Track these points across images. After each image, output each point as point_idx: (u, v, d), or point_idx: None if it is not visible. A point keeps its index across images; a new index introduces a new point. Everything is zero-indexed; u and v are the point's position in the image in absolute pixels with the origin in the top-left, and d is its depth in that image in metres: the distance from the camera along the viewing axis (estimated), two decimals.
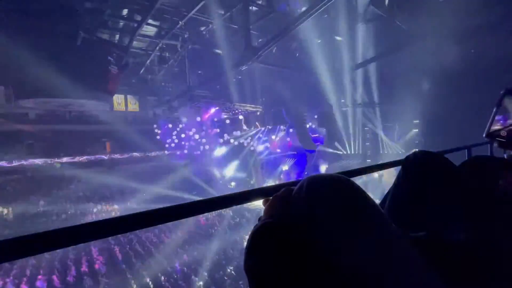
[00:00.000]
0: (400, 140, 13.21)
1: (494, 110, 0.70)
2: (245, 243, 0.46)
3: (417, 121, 12.27)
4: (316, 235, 0.38)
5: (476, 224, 0.55)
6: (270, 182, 17.08)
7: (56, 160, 17.58)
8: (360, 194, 0.40)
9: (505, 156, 0.81)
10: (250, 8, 8.78)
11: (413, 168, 0.73)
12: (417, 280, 0.33)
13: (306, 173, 15.45)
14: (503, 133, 0.67)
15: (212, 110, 15.21)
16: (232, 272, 10.39)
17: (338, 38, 10.64)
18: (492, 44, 8.90)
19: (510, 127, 0.68)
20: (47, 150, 17.11)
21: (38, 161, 16.91)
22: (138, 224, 0.57)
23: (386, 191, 0.88)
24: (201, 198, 0.67)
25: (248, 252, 0.43)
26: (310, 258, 0.37)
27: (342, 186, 0.41)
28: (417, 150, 0.78)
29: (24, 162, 16.42)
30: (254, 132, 18.20)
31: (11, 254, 0.45)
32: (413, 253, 0.35)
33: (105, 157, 19.35)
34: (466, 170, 0.82)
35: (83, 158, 18.40)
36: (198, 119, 15.85)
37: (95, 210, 16.34)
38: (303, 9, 7.67)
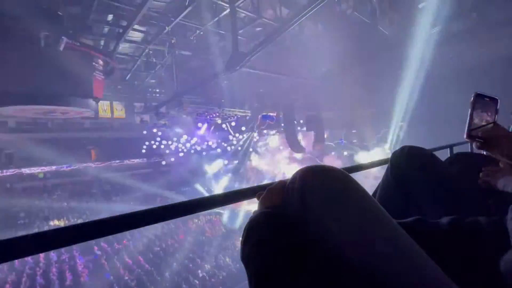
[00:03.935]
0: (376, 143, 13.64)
1: (469, 112, 0.74)
2: (239, 249, 0.46)
3: (402, 123, 12.68)
4: (309, 223, 0.38)
5: (459, 211, 0.58)
6: None
7: (38, 169, 16.89)
8: (352, 184, 0.41)
9: (484, 152, 0.86)
10: (237, 14, 8.85)
11: (401, 162, 0.76)
12: (413, 263, 0.33)
13: None
14: (480, 134, 0.70)
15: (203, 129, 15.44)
16: (224, 279, 10.24)
17: (325, 41, 10.88)
18: (468, 49, 9.37)
19: (484, 128, 0.72)
20: (28, 159, 16.43)
21: (19, 171, 16.19)
22: (129, 224, 0.56)
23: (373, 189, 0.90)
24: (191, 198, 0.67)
25: (244, 241, 0.43)
26: (305, 244, 0.37)
27: (334, 176, 0.42)
28: (404, 145, 0.80)
29: (3, 173, 15.68)
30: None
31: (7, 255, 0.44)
32: (409, 239, 0.36)
33: (90, 165, 18.77)
34: (450, 164, 0.86)
35: (67, 167, 17.77)
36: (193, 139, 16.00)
37: (79, 220, 15.75)
38: (290, 15, 7.83)
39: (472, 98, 0.74)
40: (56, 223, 15.19)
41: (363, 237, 0.35)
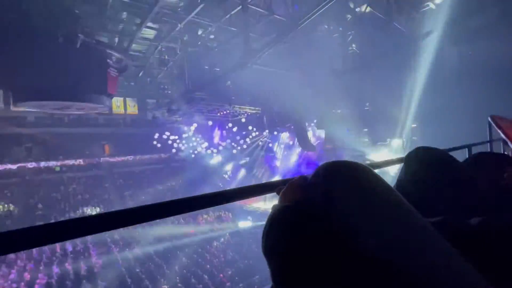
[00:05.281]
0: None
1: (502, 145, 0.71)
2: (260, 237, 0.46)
3: (415, 125, 12.37)
4: (334, 219, 0.38)
5: (478, 213, 0.56)
6: None
7: (55, 163, 17.53)
8: (377, 179, 0.41)
9: (506, 152, 0.82)
10: (249, 10, 8.82)
11: (416, 163, 0.74)
12: (448, 261, 0.32)
13: None
14: None
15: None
16: (233, 275, 10.34)
17: (338, 38, 10.70)
18: (489, 46, 8.99)
19: None
20: (46, 153, 17.07)
21: (37, 164, 16.85)
22: (139, 218, 0.57)
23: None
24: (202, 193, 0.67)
25: (267, 233, 0.44)
26: (330, 239, 0.37)
27: (358, 170, 0.42)
28: (419, 146, 0.79)
29: (22, 165, 16.36)
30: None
31: (18, 245, 0.46)
32: (441, 237, 0.34)
33: (104, 159, 19.31)
34: (471, 165, 0.83)
35: (82, 161, 18.35)
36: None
37: (93, 213, 16.23)
38: (302, 11, 7.73)
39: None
40: (71, 215, 15.74)
41: (392, 232, 0.34)
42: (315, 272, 0.35)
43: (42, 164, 17.02)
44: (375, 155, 14.21)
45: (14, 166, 16.08)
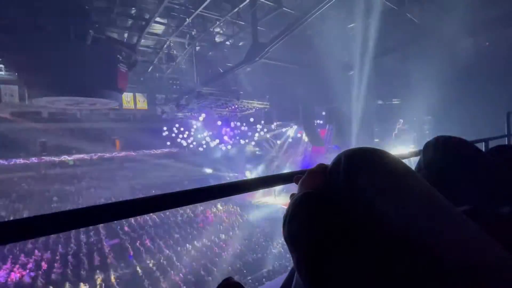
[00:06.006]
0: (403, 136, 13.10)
1: None
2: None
3: (429, 117, 12.05)
4: (359, 205, 0.37)
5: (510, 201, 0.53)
6: None
7: (68, 157, 18.05)
8: (401, 163, 0.40)
9: None
10: (257, 3, 8.72)
11: (436, 154, 0.71)
12: (475, 242, 0.31)
13: None
14: None
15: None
16: (241, 268, 10.48)
17: (348, 31, 10.46)
18: (506, 37, 8.62)
19: None
20: (60, 147, 17.56)
21: (51, 158, 17.39)
22: (149, 207, 0.57)
23: None
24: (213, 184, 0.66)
25: (290, 220, 0.43)
26: (357, 225, 0.36)
27: (382, 156, 0.41)
28: (439, 135, 0.76)
29: (38, 159, 16.92)
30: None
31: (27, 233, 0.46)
32: (472, 222, 0.33)
33: (114, 154, 19.74)
34: (493, 155, 0.80)
35: (94, 155, 18.81)
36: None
37: None
38: (311, 3, 7.57)
39: None
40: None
41: (424, 216, 0.33)
42: (342, 257, 0.35)
43: (56, 158, 17.56)
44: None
45: (30, 160, 16.65)
